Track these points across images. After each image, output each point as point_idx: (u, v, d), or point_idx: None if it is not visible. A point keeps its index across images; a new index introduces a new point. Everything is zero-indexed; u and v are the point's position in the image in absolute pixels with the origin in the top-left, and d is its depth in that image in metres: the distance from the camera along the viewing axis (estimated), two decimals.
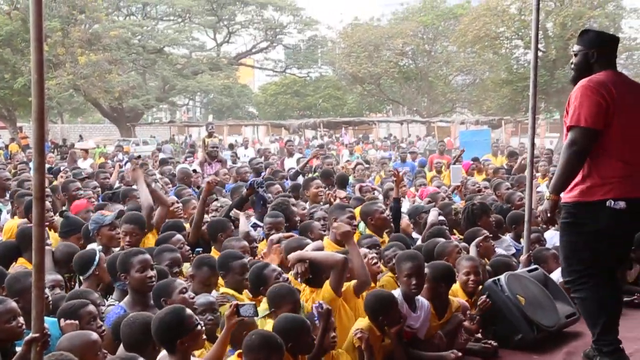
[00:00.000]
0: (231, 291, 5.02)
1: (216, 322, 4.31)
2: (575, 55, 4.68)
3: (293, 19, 44.36)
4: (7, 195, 8.84)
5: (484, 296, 5.36)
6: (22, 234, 5.70)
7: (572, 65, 4.74)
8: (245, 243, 5.90)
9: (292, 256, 5.10)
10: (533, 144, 6.85)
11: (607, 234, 4.46)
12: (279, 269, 5.06)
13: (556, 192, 4.54)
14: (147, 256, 4.70)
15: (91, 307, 4.18)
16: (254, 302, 4.21)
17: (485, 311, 5.38)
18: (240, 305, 3.91)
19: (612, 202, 4.35)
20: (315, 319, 4.35)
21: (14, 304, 3.94)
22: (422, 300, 4.99)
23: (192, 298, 4.50)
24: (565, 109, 4.60)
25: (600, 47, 4.56)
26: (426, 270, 5.10)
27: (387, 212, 7.01)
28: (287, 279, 4.98)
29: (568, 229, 4.65)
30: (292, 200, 8.09)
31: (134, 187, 8.60)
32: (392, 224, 6.91)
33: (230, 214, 7.06)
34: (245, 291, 5.14)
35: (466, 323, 5.21)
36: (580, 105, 4.35)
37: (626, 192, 4.42)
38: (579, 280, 4.59)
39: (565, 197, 4.62)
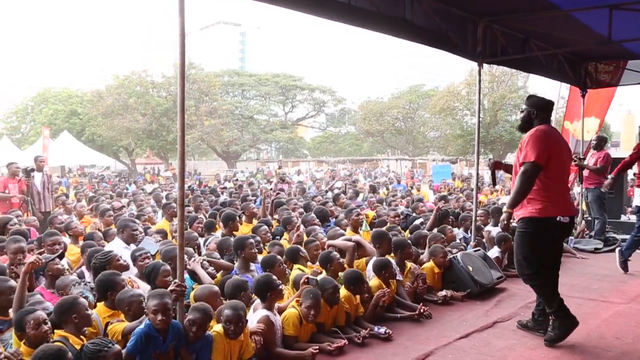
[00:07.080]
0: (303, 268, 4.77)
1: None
2: (522, 111, 4.08)
3: (330, 97, 44.06)
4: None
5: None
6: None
7: (519, 118, 4.11)
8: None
9: (329, 243, 5.24)
10: (478, 174, 6.86)
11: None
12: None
13: (511, 207, 3.84)
14: (252, 240, 4.66)
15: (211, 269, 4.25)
16: (316, 277, 4.22)
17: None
18: (310, 278, 4.06)
19: (561, 218, 3.78)
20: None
21: (167, 267, 3.99)
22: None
23: (284, 269, 4.41)
24: (518, 149, 3.94)
25: (539, 108, 3.98)
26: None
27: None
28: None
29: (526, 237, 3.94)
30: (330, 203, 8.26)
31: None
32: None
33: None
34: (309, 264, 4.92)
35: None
36: (531, 147, 3.77)
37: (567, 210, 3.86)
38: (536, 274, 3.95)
39: (522, 213, 3.91)
